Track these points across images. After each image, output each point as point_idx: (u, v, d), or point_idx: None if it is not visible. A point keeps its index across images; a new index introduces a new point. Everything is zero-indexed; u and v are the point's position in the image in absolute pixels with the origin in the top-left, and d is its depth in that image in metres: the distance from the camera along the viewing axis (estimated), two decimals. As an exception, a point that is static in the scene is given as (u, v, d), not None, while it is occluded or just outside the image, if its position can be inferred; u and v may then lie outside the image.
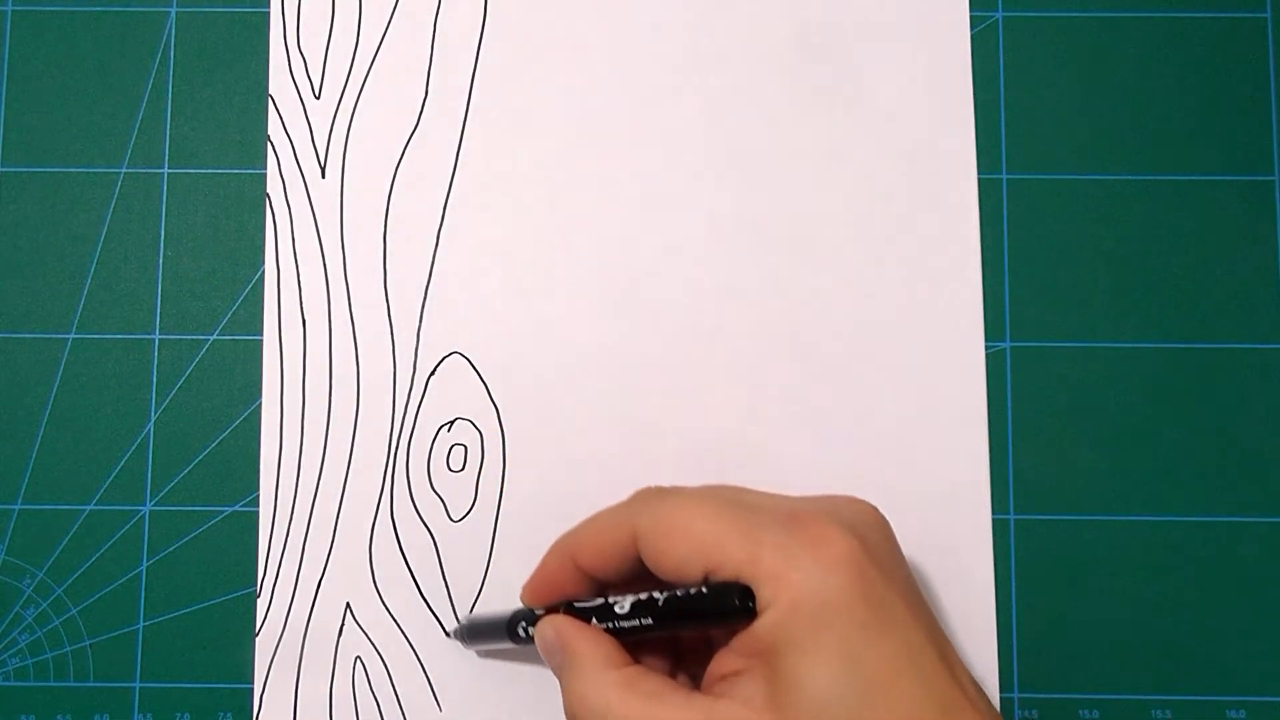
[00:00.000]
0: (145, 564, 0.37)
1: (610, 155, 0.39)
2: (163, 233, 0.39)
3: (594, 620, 0.31)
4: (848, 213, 0.38)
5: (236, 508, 0.38)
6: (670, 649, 0.33)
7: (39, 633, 0.37)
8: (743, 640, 0.29)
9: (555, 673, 0.32)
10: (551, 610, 0.32)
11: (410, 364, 0.38)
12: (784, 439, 0.38)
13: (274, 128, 0.39)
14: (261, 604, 0.37)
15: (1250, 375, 0.38)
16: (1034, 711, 0.37)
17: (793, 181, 0.39)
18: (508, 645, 0.34)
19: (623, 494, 0.37)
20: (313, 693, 0.37)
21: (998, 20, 0.40)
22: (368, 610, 0.37)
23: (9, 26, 0.40)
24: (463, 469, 0.38)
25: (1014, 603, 0.37)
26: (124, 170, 0.39)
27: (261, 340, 0.38)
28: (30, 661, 0.37)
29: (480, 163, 0.39)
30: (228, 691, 0.37)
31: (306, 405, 0.38)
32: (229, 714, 0.37)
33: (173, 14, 0.40)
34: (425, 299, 0.38)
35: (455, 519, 0.37)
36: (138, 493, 0.38)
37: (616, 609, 0.31)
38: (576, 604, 0.32)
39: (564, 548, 0.33)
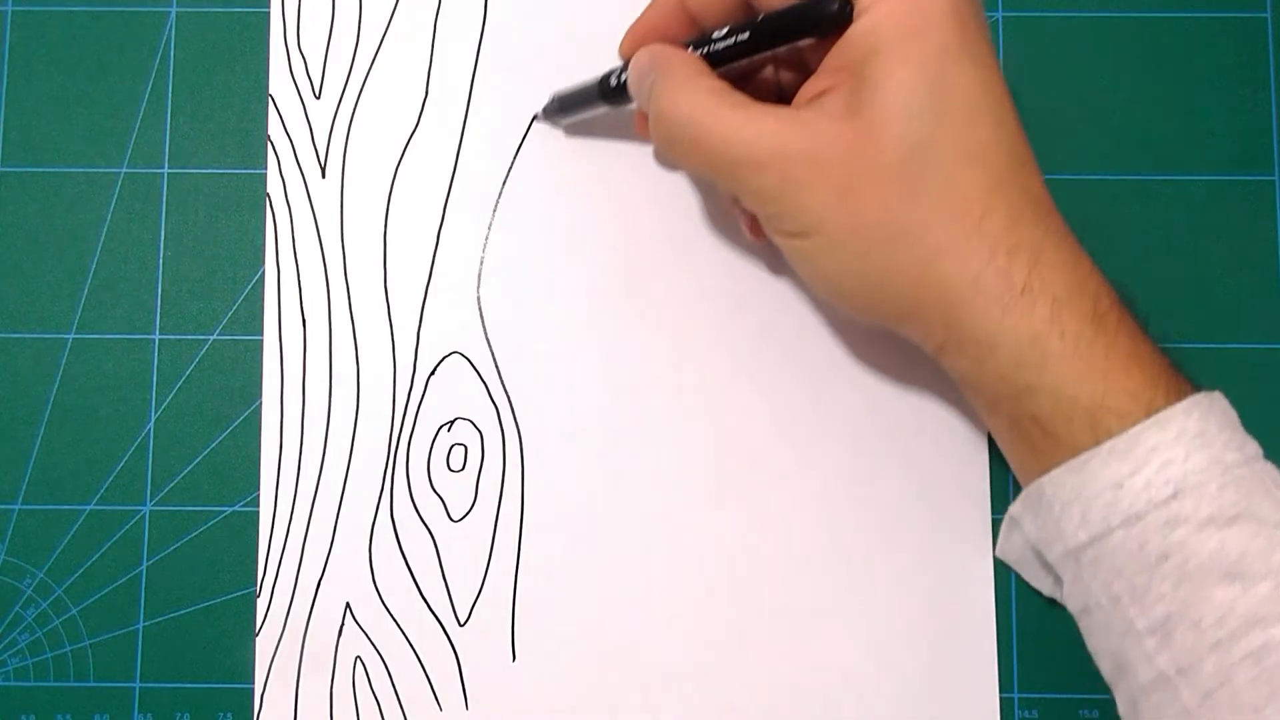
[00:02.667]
0: (145, 564, 0.37)
1: (611, 154, 0.39)
2: (163, 233, 0.39)
3: (690, 49, 0.32)
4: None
5: (236, 508, 0.38)
6: (763, 93, 0.33)
7: (39, 633, 0.37)
8: (833, 55, 0.31)
9: (644, 101, 0.33)
10: None
11: (410, 364, 0.38)
12: (784, 438, 0.38)
13: (274, 128, 0.39)
14: (261, 604, 0.37)
15: (1250, 375, 0.38)
16: (1034, 711, 0.37)
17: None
18: (600, 109, 0.36)
19: (622, 494, 0.37)
20: (313, 693, 0.37)
21: (998, 20, 0.40)
22: (368, 610, 0.37)
23: (9, 26, 0.40)
24: (463, 469, 0.38)
25: (1014, 603, 0.37)
26: (124, 170, 0.39)
27: (261, 340, 0.38)
28: (30, 661, 0.37)
29: (480, 163, 0.39)
30: (228, 691, 0.37)
31: (306, 405, 0.38)
32: (229, 714, 0.37)
33: (173, 14, 0.40)
34: (425, 299, 0.38)
35: (455, 519, 0.37)
36: (138, 493, 0.38)
37: (713, 35, 0.32)
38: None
39: None
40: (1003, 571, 0.37)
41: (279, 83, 0.39)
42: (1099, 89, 0.39)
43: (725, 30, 0.32)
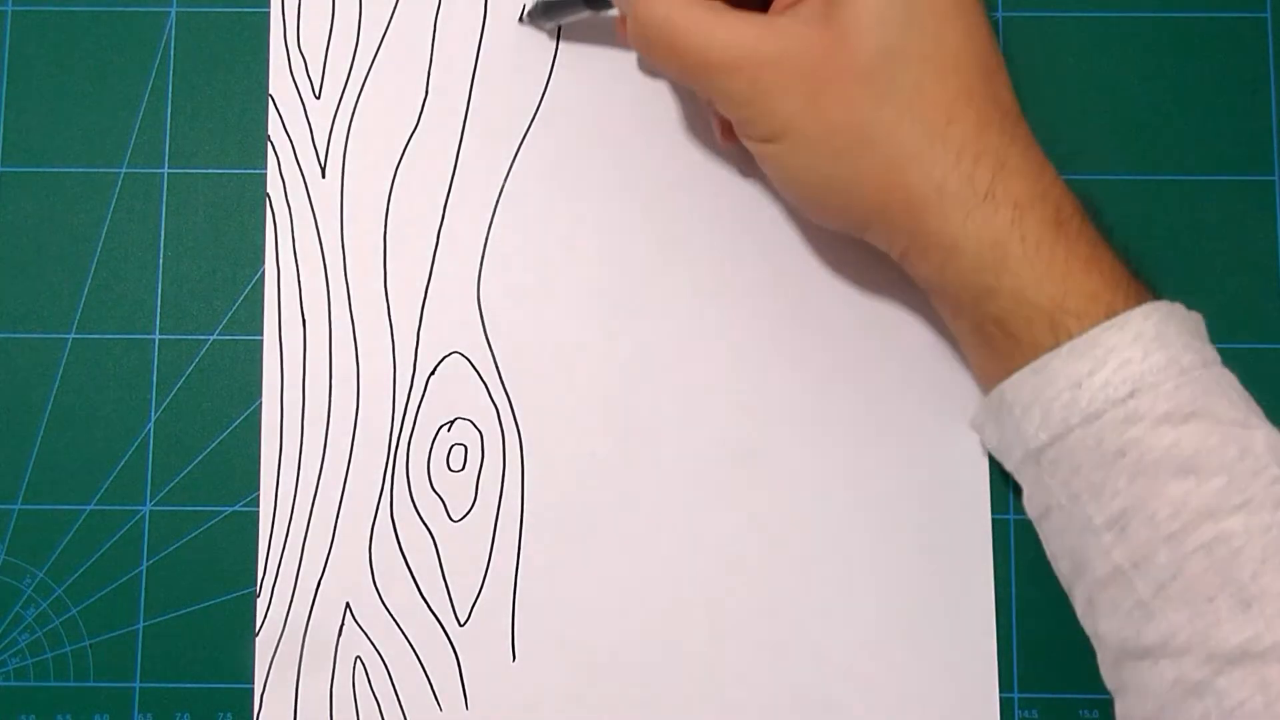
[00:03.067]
0: (145, 564, 0.37)
1: (611, 153, 0.39)
2: (163, 233, 0.39)
3: None
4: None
5: (236, 508, 0.38)
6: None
7: (39, 633, 0.37)
8: None
9: (624, 3, 0.33)
10: None
11: (410, 364, 0.38)
12: (784, 438, 0.38)
13: (274, 128, 0.39)
14: (261, 604, 0.37)
15: (1250, 375, 0.38)
16: (1034, 711, 0.37)
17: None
18: (582, 14, 0.36)
19: (622, 494, 0.37)
20: (313, 693, 0.37)
21: (998, 20, 0.40)
22: (368, 610, 0.37)
23: (9, 26, 0.40)
24: (463, 469, 0.38)
25: (1014, 603, 0.37)
26: (124, 170, 0.39)
27: (261, 340, 0.38)
28: (30, 661, 0.37)
29: (480, 163, 0.39)
30: (228, 691, 0.37)
31: (306, 405, 0.38)
32: (229, 714, 0.37)
33: (173, 14, 0.40)
34: (425, 299, 0.38)
35: (455, 519, 0.37)
36: (138, 493, 0.38)
37: None
38: None
39: None
40: (1003, 571, 0.37)
41: (279, 83, 0.39)
42: (1099, 89, 0.39)
43: None
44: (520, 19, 0.39)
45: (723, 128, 0.36)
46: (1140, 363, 0.29)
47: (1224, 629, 0.27)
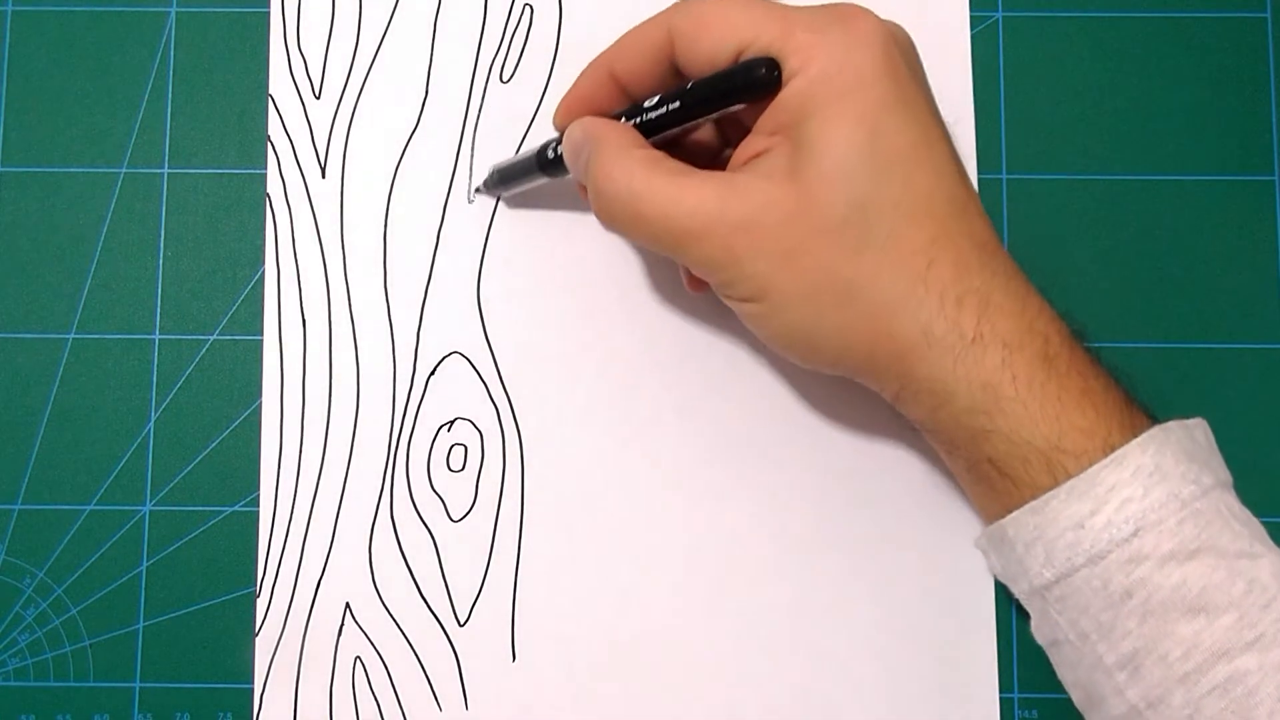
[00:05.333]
0: (145, 564, 0.37)
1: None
2: (163, 233, 0.39)
3: (623, 120, 0.32)
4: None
5: (236, 508, 0.38)
6: (696, 159, 0.33)
7: (39, 633, 0.37)
8: (768, 117, 0.30)
9: (581, 174, 0.33)
10: None
11: (410, 364, 0.38)
12: (784, 438, 0.38)
13: (274, 128, 0.39)
14: (261, 604, 0.37)
15: (1250, 375, 0.38)
16: (1034, 711, 0.37)
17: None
18: (539, 181, 0.36)
19: (622, 494, 0.37)
20: (313, 693, 0.37)
21: (998, 20, 0.40)
22: (368, 610, 0.37)
23: (9, 26, 0.40)
24: (463, 469, 0.38)
25: (1014, 603, 0.37)
26: (124, 170, 0.39)
27: (261, 340, 0.38)
28: (30, 661, 0.37)
29: (480, 163, 0.39)
30: (228, 691, 0.37)
31: (306, 405, 0.38)
32: (229, 714, 0.37)
33: (173, 14, 0.40)
34: (425, 299, 0.38)
35: (455, 519, 0.37)
36: (138, 493, 0.38)
37: (645, 105, 0.32)
38: (608, 115, 0.33)
39: (600, 63, 0.34)
40: (1003, 571, 0.37)
41: (279, 83, 0.39)
42: (1099, 89, 0.39)
43: (656, 100, 0.32)
44: (471, 195, 0.38)
45: (689, 277, 0.35)
46: (1141, 500, 0.28)
47: None
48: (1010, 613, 0.37)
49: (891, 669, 0.37)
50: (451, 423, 0.38)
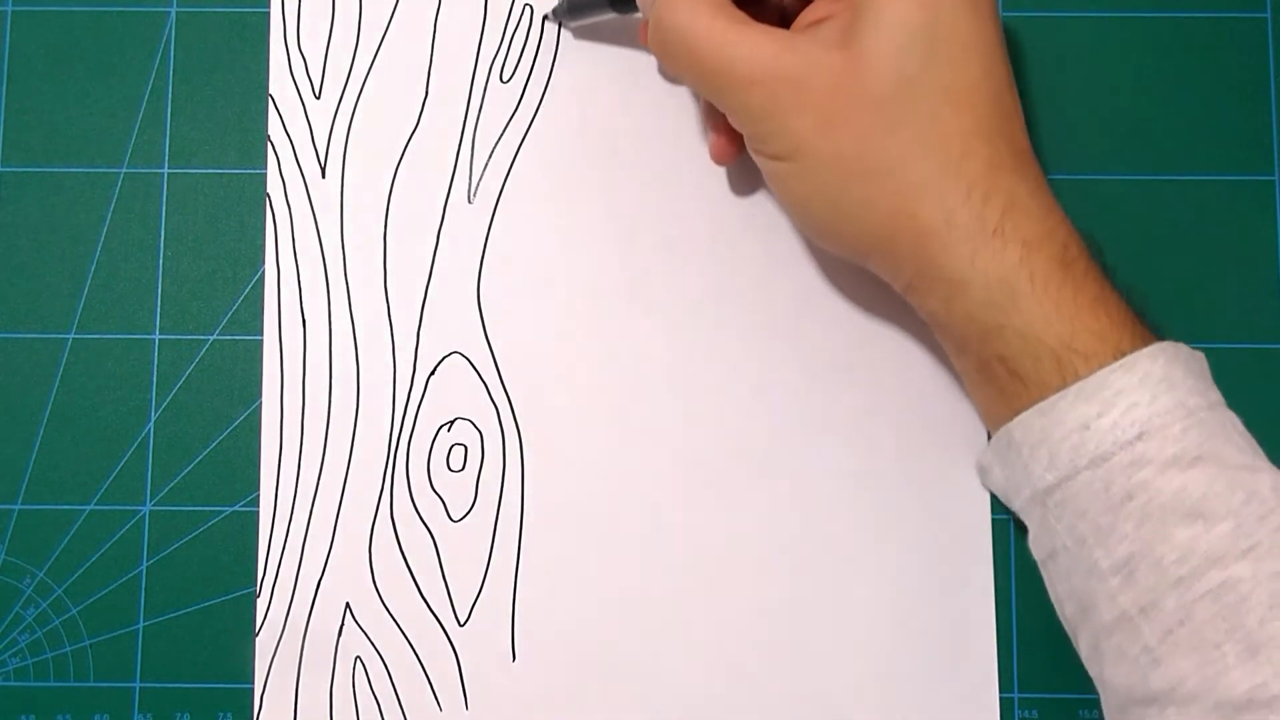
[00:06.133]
0: (145, 564, 0.37)
1: (611, 154, 0.39)
2: (163, 233, 0.39)
3: None
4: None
5: (236, 508, 0.38)
6: (765, 14, 0.33)
7: (39, 633, 0.37)
8: None
9: (647, 8, 0.33)
10: None
11: (410, 364, 0.38)
12: (785, 438, 0.38)
13: (274, 128, 0.39)
14: (261, 604, 0.37)
15: (1250, 375, 0.38)
16: (1034, 711, 0.37)
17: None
18: (606, 15, 0.36)
19: (622, 494, 0.37)
20: (313, 693, 0.37)
21: (998, 20, 0.40)
22: (368, 610, 0.37)
23: (9, 26, 0.40)
24: (463, 469, 0.38)
25: (1014, 603, 0.37)
26: (124, 170, 0.39)
27: (261, 340, 0.38)
28: (30, 661, 0.37)
29: (480, 162, 0.39)
30: (228, 691, 0.37)
31: (306, 405, 0.38)
32: (229, 714, 0.37)
33: (173, 14, 0.40)
34: (425, 299, 0.38)
35: (455, 519, 0.37)
36: (138, 493, 0.38)
37: None
38: None
39: None
40: (1003, 571, 0.37)
41: (279, 83, 0.39)
42: (1099, 89, 0.39)
43: None
44: (546, 17, 0.39)
45: (717, 145, 0.36)
46: (1148, 405, 0.29)
47: (1231, 676, 0.27)
48: (1010, 612, 0.37)
49: (891, 669, 0.37)
50: (451, 423, 0.38)
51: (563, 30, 0.39)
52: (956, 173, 0.30)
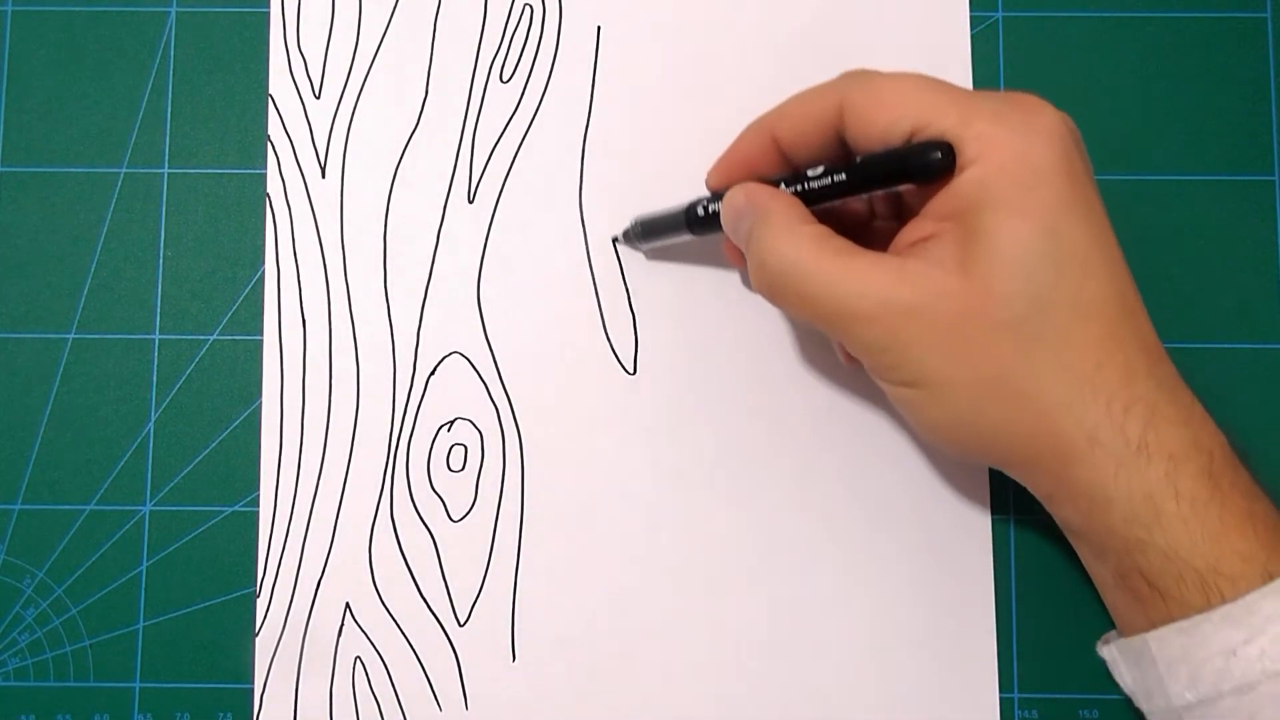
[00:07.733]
0: (145, 564, 0.37)
1: (612, 151, 0.39)
2: (163, 233, 0.39)
3: (783, 187, 0.32)
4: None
5: (236, 508, 0.38)
6: (843, 226, 0.32)
7: (39, 633, 0.37)
8: (939, 201, 0.30)
9: (742, 241, 0.32)
10: None
11: (410, 364, 0.38)
12: (785, 438, 0.38)
13: (274, 128, 0.39)
14: (261, 604, 0.37)
15: (1250, 375, 0.38)
16: (1034, 711, 0.37)
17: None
18: (684, 237, 0.35)
19: (622, 494, 0.37)
20: (313, 693, 0.37)
21: (998, 20, 0.40)
22: (368, 610, 0.37)
23: (9, 26, 0.40)
24: (463, 469, 0.38)
25: (1014, 603, 0.37)
26: (124, 170, 0.39)
27: (261, 340, 0.38)
28: (30, 661, 0.37)
29: (480, 162, 0.39)
30: (228, 691, 0.37)
31: (306, 405, 0.38)
32: (229, 714, 0.37)
33: (173, 14, 0.40)
34: (425, 299, 0.38)
35: (455, 519, 0.37)
36: (138, 493, 0.38)
37: (809, 173, 0.31)
38: (766, 179, 0.32)
39: (762, 125, 0.33)
40: (1003, 571, 0.37)
41: (279, 83, 0.39)
42: (1099, 89, 0.39)
43: (821, 170, 0.31)
44: (616, 239, 0.38)
45: (845, 353, 0.35)
46: None
47: None
48: (1010, 613, 0.37)
49: (891, 669, 0.37)
50: (451, 423, 0.38)
51: (563, 30, 0.39)
52: (1094, 387, 0.29)
